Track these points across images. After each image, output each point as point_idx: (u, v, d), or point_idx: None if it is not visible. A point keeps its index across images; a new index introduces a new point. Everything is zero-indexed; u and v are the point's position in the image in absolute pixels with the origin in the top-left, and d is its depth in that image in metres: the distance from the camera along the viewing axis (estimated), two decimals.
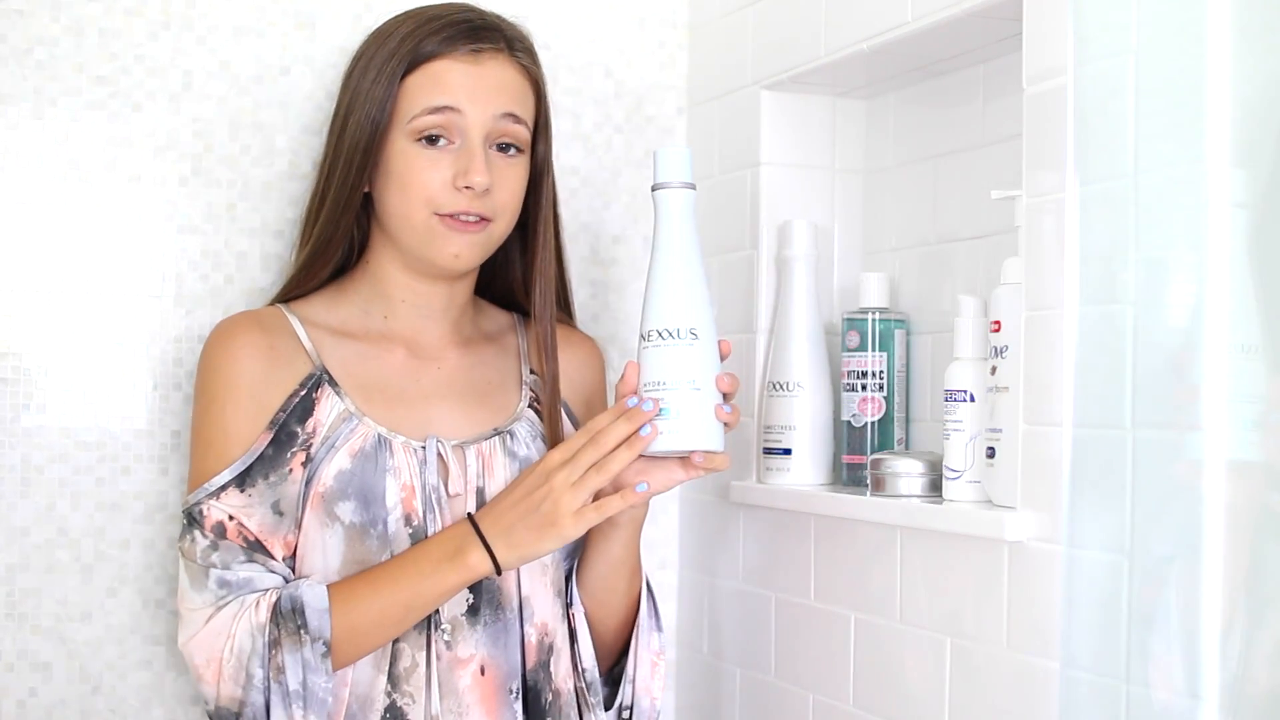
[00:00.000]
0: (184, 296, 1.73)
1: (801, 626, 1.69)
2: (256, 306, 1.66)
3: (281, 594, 1.44)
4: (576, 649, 1.55)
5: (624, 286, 1.93)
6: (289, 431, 1.48)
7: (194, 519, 1.46)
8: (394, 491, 1.49)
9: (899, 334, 1.68)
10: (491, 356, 1.61)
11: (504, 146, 1.52)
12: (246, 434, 1.48)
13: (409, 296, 1.57)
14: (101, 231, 1.71)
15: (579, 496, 1.41)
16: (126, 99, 1.71)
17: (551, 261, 1.60)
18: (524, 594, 1.53)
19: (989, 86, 1.62)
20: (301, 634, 1.42)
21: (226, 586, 1.44)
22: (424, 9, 1.55)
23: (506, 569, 1.44)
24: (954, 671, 1.44)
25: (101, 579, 1.69)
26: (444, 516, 1.50)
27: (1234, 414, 1.18)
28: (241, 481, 1.46)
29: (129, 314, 1.71)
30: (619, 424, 1.41)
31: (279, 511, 1.47)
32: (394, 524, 1.48)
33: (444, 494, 1.50)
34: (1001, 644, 1.38)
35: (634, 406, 1.42)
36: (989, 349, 1.43)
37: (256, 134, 1.75)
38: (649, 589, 1.61)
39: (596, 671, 1.56)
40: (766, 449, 1.73)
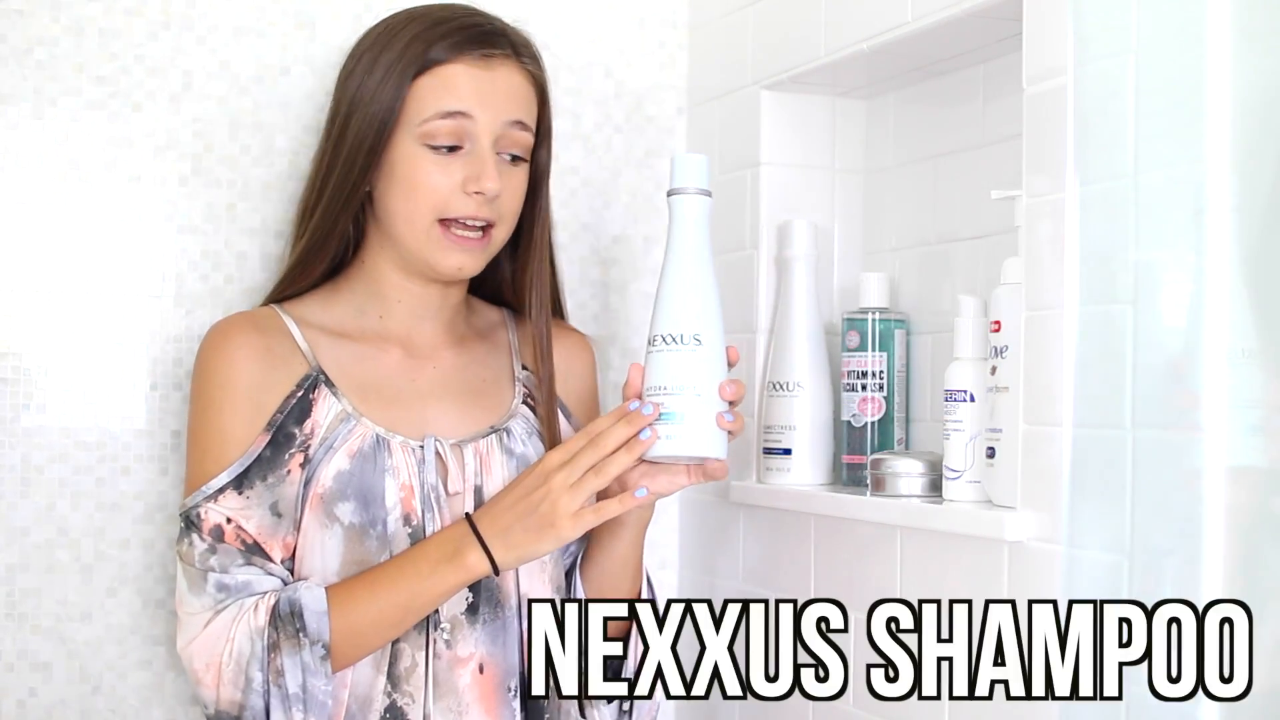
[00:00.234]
0: (184, 296, 1.73)
1: None
2: (257, 306, 1.65)
3: (280, 597, 1.44)
4: None
5: (624, 286, 1.93)
6: (286, 433, 1.48)
7: (192, 522, 1.46)
8: (393, 491, 1.49)
9: (899, 334, 1.68)
10: (484, 354, 1.62)
11: (510, 154, 1.53)
12: (244, 436, 1.47)
13: (405, 297, 1.57)
14: (101, 231, 1.71)
15: (577, 498, 1.41)
16: (126, 99, 1.71)
17: (546, 265, 1.62)
18: (522, 591, 1.53)
19: (989, 86, 1.62)
20: (300, 637, 1.42)
21: (225, 590, 1.44)
22: (427, 10, 1.55)
23: (504, 569, 1.44)
24: None
25: (101, 579, 1.69)
26: (443, 516, 1.50)
27: (1233, 415, 1.18)
28: (239, 484, 1.46)
29: (129, 314, 1.71)
30: (619, 427, 1.41)
31: (277, 513, 1.47)
32: (393, 524, 1.48)
33: (443, 493, 1.51)
34: None
35: (635, 410, 1.42)
36: (989, 349, 1.43)
37: (256, 134, 1.75)
38: (650, 585, 1.61)
39: None
40: (766, 449, 1.73)
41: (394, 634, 1.46)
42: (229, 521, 1.45)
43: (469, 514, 1.47)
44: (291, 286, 1.58)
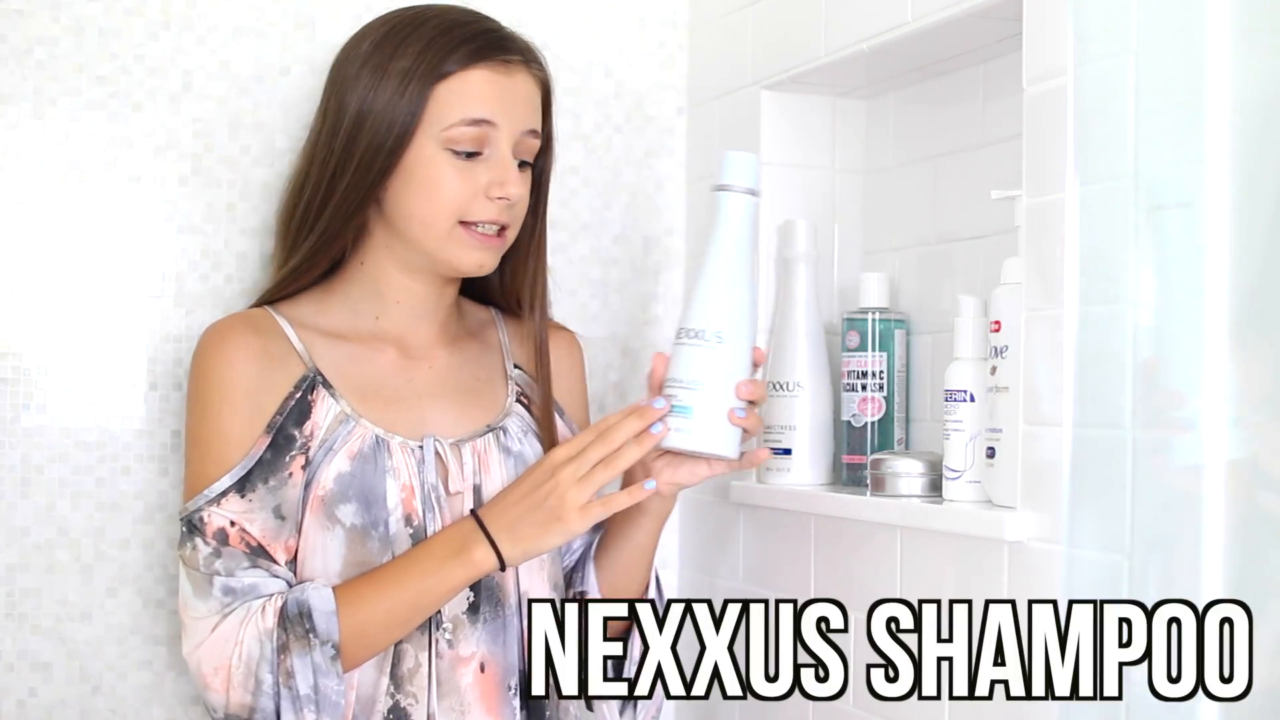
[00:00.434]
0: (184, 296, 1.73)
1: None
2: (248, 308, 1.64)
3: (287, 598, 1.43)
4: None
5: (624, 286, 1.93)
6: (286, 435, 1.48)
7: (194, 526, 1.45)
8: (394, 492, 1.49)
9: (899, 334, 1.68)
10: (477, 354, 1.62)
11: (521, 159, 1.54)
12: (244, 438, 1.47)
13: (404, 297, 1.56)
14: (101, 231, 1.71)
15: (585, 491, 1.42)
16: (126, 99, 1.71)
17: (544, 266, 1.63)
18: (522, 590, 1.53)
19: (989, 86, 1.62)
20: (310, 637, 1.42)
21: (231, 593, 1.44)
22: (433, 13, 1.53)
23: (511, 564, 1.44)
24: None
25: (101, 579, 1.69)
26: (443, 516, 1.50)
27: (1234, 414, 1.18)
28: (241, 487, 1.46)
29: (129, 314, 1.71)
30: (629, 420, 1.43)
31: (280, 516, 1.47)
32: (395, 525, 1.48)
33: (443, 493, 1.51)
34: None
35: (646, 404, 1.43)
36: (989, 349, 1.43)
37: (256, 134, 1.75)
38: (659, 584, 1.63)
39: None
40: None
41: (402, 632, 1.46)
42: (233, 525, 1.45)
43: (474, 510, 1.47)
44: (289, 287, 1.57)
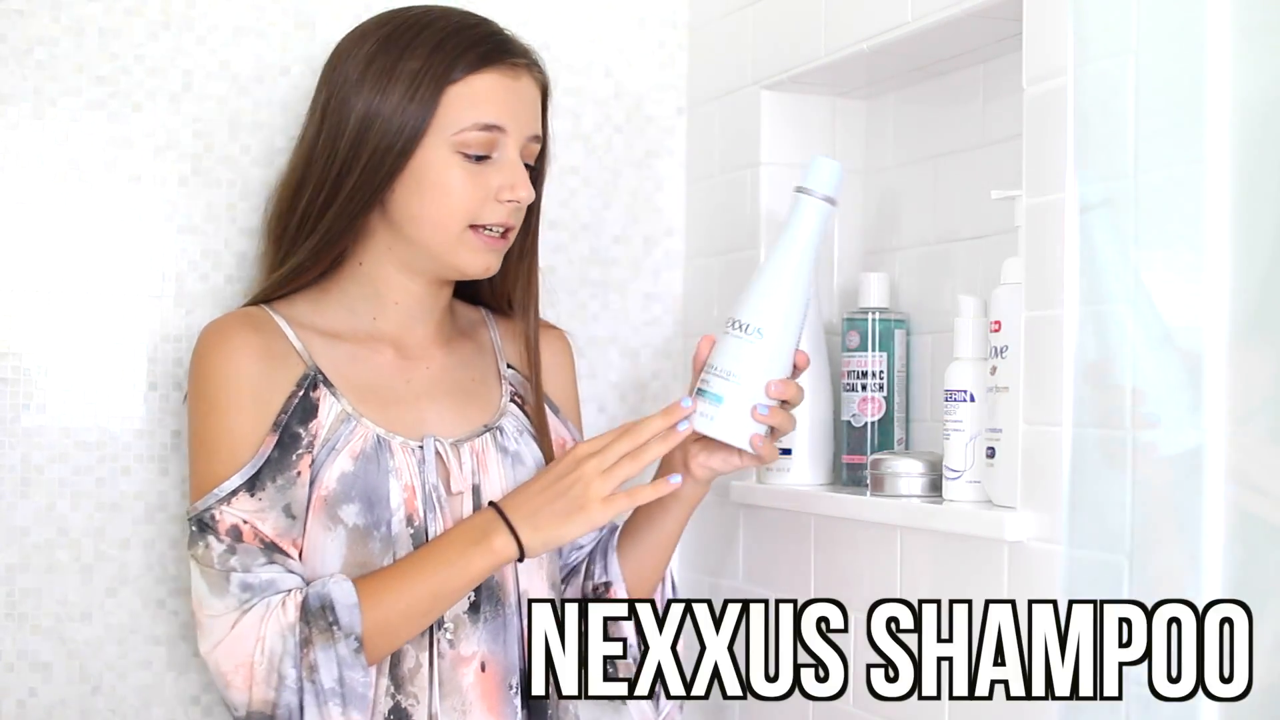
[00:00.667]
0: (184, 296, 1.73)
1: None
2: (243, 306, 1.63)
3: (308, 592, 1.43)
4: None
5: (624, 286, 1.93)
6: (292, 433, 1.47)
7: (206, 525, 1.44)
8: (397, 492, 1.49)
9: (899, 334, 1.68)
10: (471, 354, 1.62)
11: (525, 163, 1.54)
12: (252, 436, 1.46)
13: (403, 298, 1.56)
14: (101, 231, 1.71)
15: (609, 483, 1.44)
16: (126, 99, 1.71)
17: (537, 267, 1.64)
18: (522, 589, 1.54)
19: (989, 86, 1.62)
20: (334, 630, 1.41)
21: (249, 590, 1.43)
22: (436, 15, 1.53)
23: (530, 554, 1.45)
24: None
25: (101, 579, 1.69)
26: (445, 516, 1.50)
27: (1234, 414, 1.18)
28: (251, 486, 1.45)
29: (129, 314, 1.71)
30: (656, 418, 1.46)
31: (291, 515, 1.46)
32: (397, 525, 1.48)
33: (444, 493, 1.51)
34: None
35: (675, 402, 1.47)
36: (989, 349, 1.43)
37: (256, 134, 1.75)
38: (673, 583, 1.64)
39: None
40: None
41: (423, 624, 1.46)
42: (245, 523, 1.44)
43: (493, 502, 1.48)
44: (285, 287, 1.56)
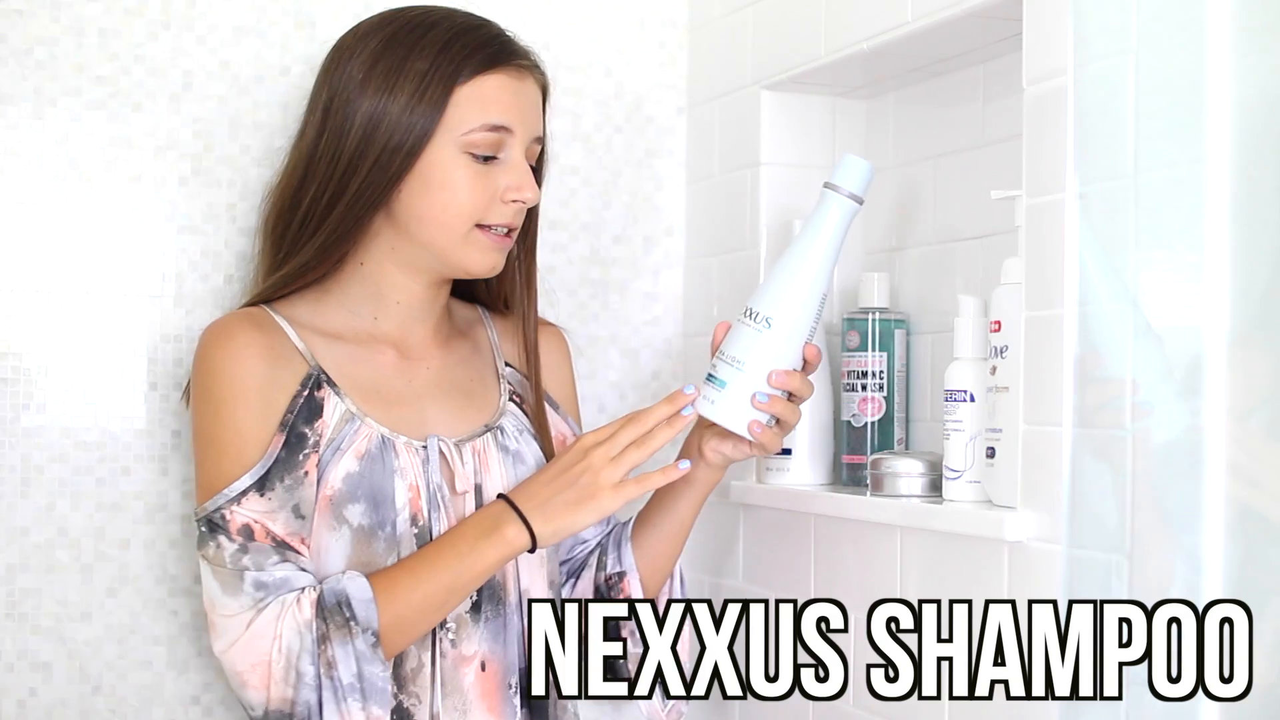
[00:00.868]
0: (184, 296, 1.73)
1: None
2: (242, 306, 1.62)
3: (323, 589, 1.43)
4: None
5: (624, 286, 1.93)
6: (298, 433, 1.47)
7: (216, 525, 1.44)
8: (402, 492, 1.49)
9: (899, 334, 1.68)
10: (469, 353, 1.62)
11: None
12: (260, 436, 1.46)
13: (404, 298, 1.56)
14: (101, 231, 1.71)
15: (619, 470, 1.45)
16: (126, 99, 1.71)
17: (535, 268, 1.64)
18: (523, 588, 1.54)
19: (989, 86, 1.62)
20: (351, 625, 1.41)
21: (263, 588, 1.42)
22: (440, 16, 1.53)
23: (543, 544, 1.45)
24: None
25: (101, 579, 1.69)
26: (449, 516, 1.50)
27: (1234, 413, 1.18)
28: (261, 486, 1.44)
29: (129, 314, 1.71)
30: (660, 405, 1.47)
31: (300, 515, 1.46)
32: (402, 525, 1.48)
33: (448, 493, 1.51)
34: None
35: (678, 389, 1.48)
36: (989, 349, 1.43)
37: (256, 134, 1.75)
38: (682, 581, 1.64)
39: None
40: None
41: (437, 618, 1.46)
42: (256, 521, 1.44)
43: (503, 494, 1.48)
44: (287, 287, 1.55)
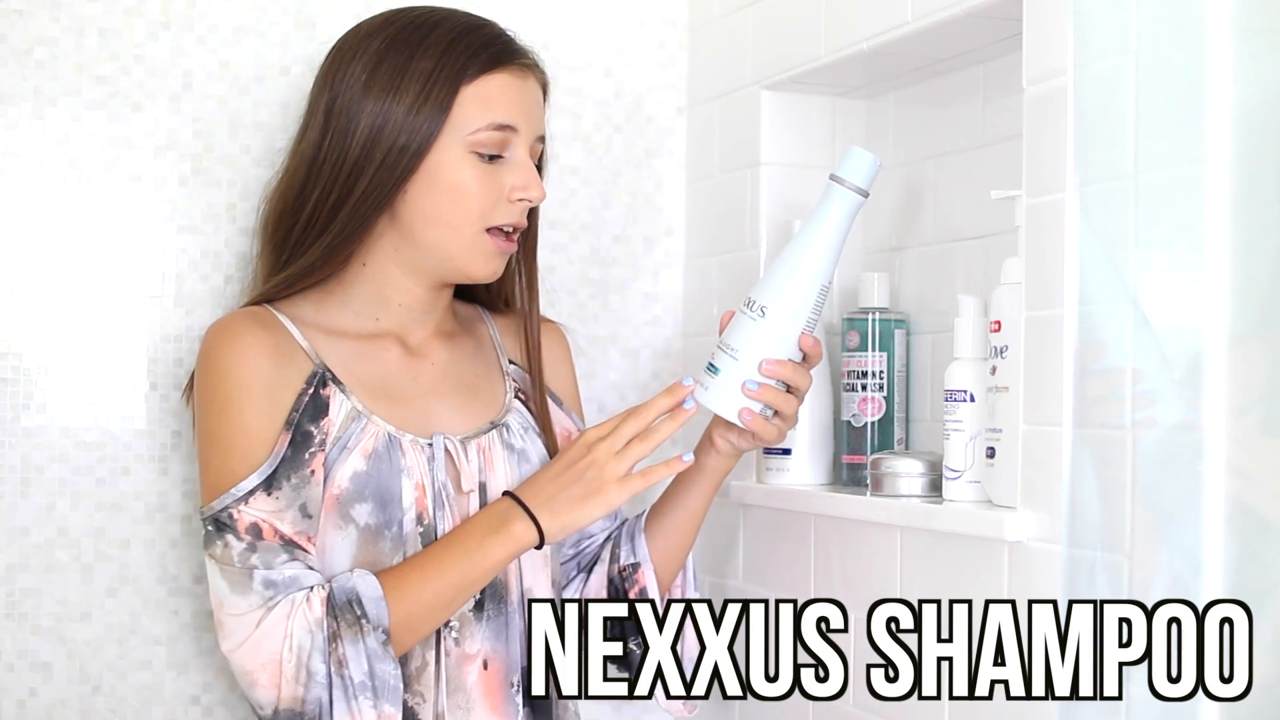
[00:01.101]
0: (184, 296, 1.73)
1: None
2: (245, 305, 1.62)
3: (332, 587, 1.42)
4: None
5: (624, 286, 1.93)
6: (304, 431, 1.47)
7: (223, 524, 1.43)
8: (409, 491, 1.48)
9: (899, 334, 1.68)
10: (472, 350, 1.62)
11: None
12: (267, 434, 1.45)
13: (406, 299, 1.56)
14: (101, 231, 1.71)
15: (623, 464, 1.45)
16: (126, 99, 1.71)
17: (537, 268, 1.64)
18: (526, 586, 1.54)
19: (989, 86, 1.62)
20: (362, 623, 1.41)
21: (273, 587, 1.41)
22: (441, 16, 1.53)
23: (550, 540, 1.45)
24: None
25: (101, 579, 1.69)
26: (454, 514, 1.50)
27: (1233, 413, 1.18)
28: (268, 485, 1.44)
29: (129, 314, 1.71)
30: (660, 397, 1.48)
31: (307, 515, 1.45)
32: (409, 524, 1.48)
33: (452, 491, 1.51)
34: None
35: (676, 381, 1.49)
36: (989, 349, 1.43)
37: (256, 134, 1.75)
38: (695, 578, 1.64)
39: None
40: (766, 449, 1.73)
41: (446, 615, 1.46)
42: (264, 520, 1.43)
43: (508, 491, 1.48)
44: (290, 288, 1.54)
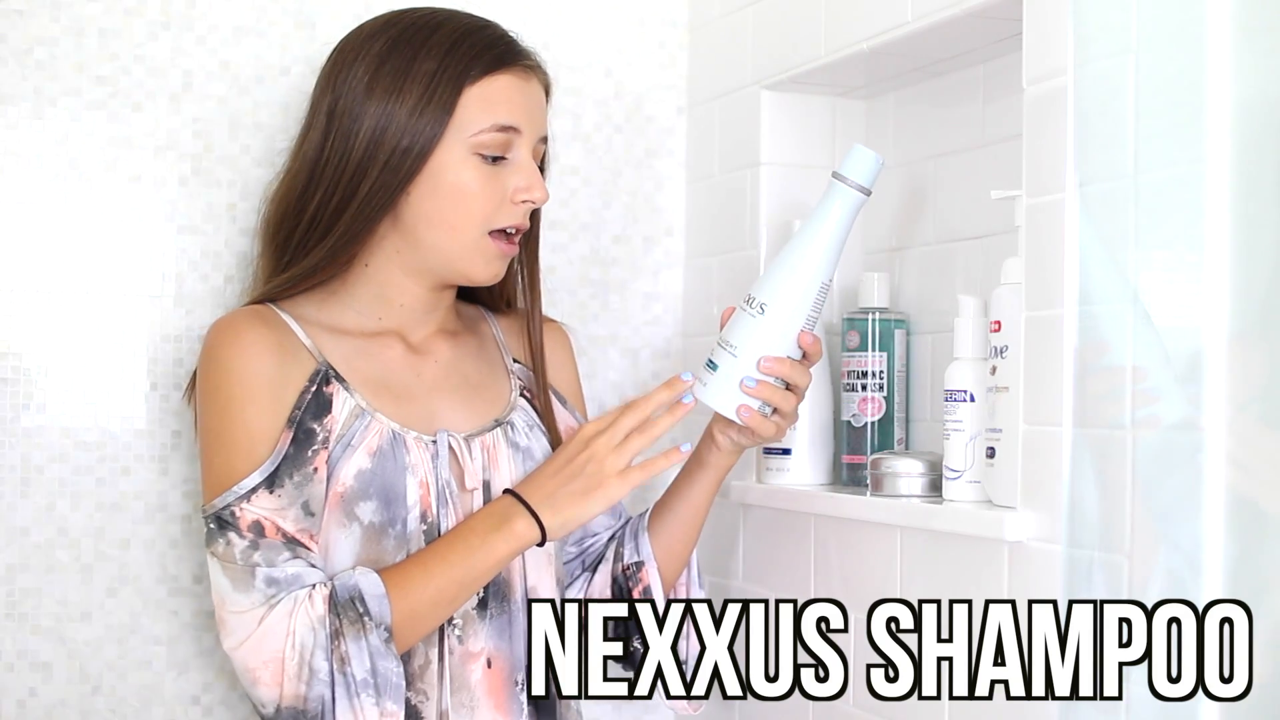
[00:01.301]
0: (184, 296, 1.73)
1: None
2: (247, 304, 1.62)
3: (335, 585, 1.42)
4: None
5: (624, 286, 1.93)
6: (306, 429, 1.46)
7: (225, 522, 1.43)
8: (413, 489, 1.49)
9: (899, 334, 1.68)
10: (475, 349, 1.62)
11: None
12: (270, 432, 1.45)
13: (408, 300, 1.56)
14: (101, 231, 1.71)
15: (623, 458, 1.45)
16: (126, 99, 1.71)
17: (539, 269, 1.64)
18: (529, 584, 1.54)
19: (989, 86, 1.62)
20: (365, 620, 1.41)
21: (275, 584, 1.41)
22: (444, 18, 1.53)
23: (552, 536, 1.45)
24: None
25: (101, 579, 1.69)
26: (457, 512, 1.50)
27: (1233, 413, 1.18)
28: (271, 483, 1.44)
29: (129, 314, 1.71)
30: (659, 391, 1.48)
31: (310, 512, 1.45)
32: (412, 523, 1.48)
33: (456, 489, 1.51)
34: None
35: (675, 376, 1.49)
36: (989, 349, 1.43)
37: (256, 134, 1.75)
38: (699, 576, 1.64)
39: None
40: (766, 449, 1.73)
41: (448, 613, 1.46)
42: (266, 518, 1.43)
43: (509, 489, 1.48)
44: (293, 289, 1.54)
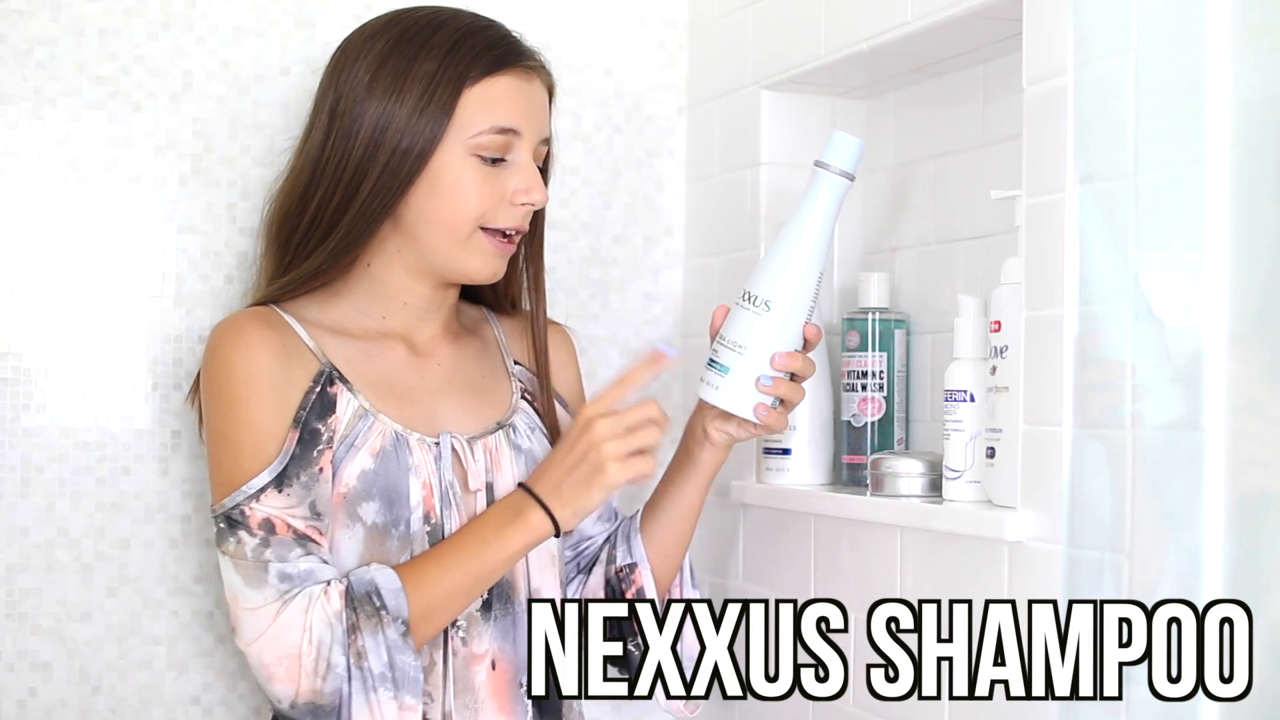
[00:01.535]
0: (184, 296, 1.73)
1: None
2: (250, 305, 1.62)
3: (351, 580, 1.42)
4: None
5: (624, 286, 1.93)
6: (311, 430, 1.46)
7: (235, 521, 1.43)
8: (416, 490, 1.49)
9: (899, 334, 1.68)
10: (478, 350, 1.62)
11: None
12: (276, 432, 1.45)
13: (411, 299, 1.56)
14: (101, 231, 1.71)
15: (624, 446, 1.44)
16: (126, 99, 1.71)
17: (543, 270, 1.64)
18: (533, 586, 1.54)
19: (989, 86, 1.62)
20: (382, 614, 1.41)
21: (289, 580, 1.41)
22: (444, 16, 1.53)
23: (564, 527, 1.45)
24: None
25: (101, 579, 1.69)
26: (460, 513, 1.50)
27: (1233, 412, 1.18)
28: (279, 483, 1.44)
29: (129, 314, 1.71)
30: (643, 368, 1.47)
31: (317, 512, 1.45)
32: (415, 523, 1.48)
33: (459, 491, 1.51)
34: None
35: (654, 349, 1.48)
36: (989, 349, 1.43)
37: (256, 134, 1.75)
38: (692, 576, 1.64)
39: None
40: (766, 449, 1.73)
41: (463, 606, 1.46)
42: (276, 516, 1.43)
43: (522, 483, 1.48)
44: (296, 290, 1.54)
